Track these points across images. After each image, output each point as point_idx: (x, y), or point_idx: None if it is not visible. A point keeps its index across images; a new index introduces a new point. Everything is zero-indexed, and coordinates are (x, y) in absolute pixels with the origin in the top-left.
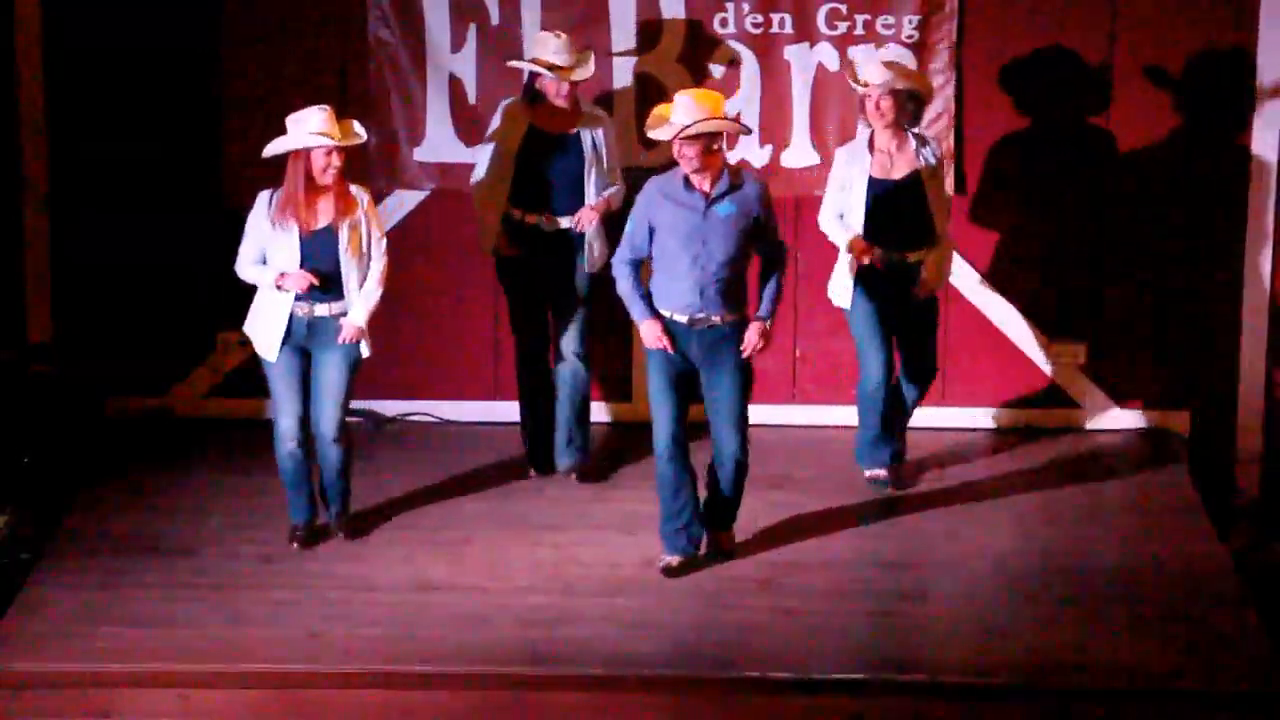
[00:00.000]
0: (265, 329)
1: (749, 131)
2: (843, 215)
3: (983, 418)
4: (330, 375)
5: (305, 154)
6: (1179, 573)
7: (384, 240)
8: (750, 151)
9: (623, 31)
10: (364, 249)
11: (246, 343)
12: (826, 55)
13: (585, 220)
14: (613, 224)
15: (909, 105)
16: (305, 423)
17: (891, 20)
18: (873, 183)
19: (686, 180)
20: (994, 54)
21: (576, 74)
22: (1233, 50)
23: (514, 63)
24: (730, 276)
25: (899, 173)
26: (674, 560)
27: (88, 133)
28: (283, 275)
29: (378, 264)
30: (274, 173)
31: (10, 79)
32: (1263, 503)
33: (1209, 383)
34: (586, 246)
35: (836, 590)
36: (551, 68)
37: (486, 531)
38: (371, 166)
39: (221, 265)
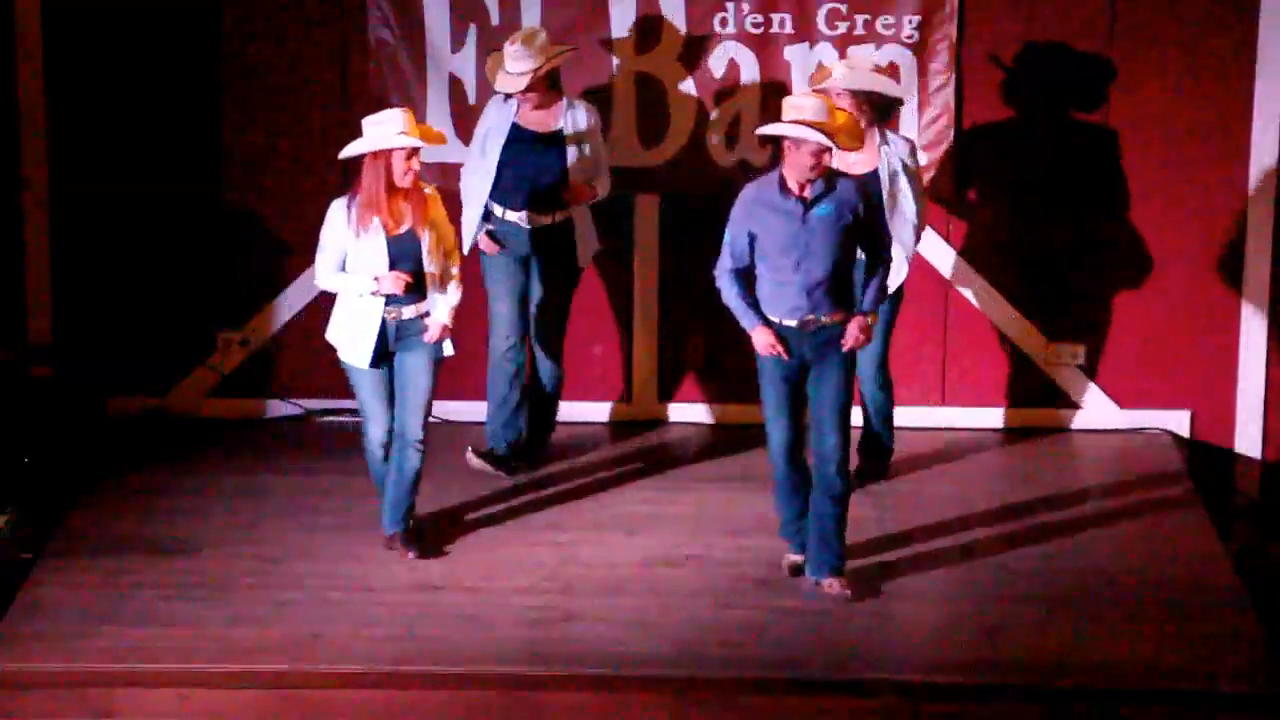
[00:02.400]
0: (355, 337)
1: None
2: None
3: (983, 418)
4: (417, 377)
5: (385, 156)
6: (1179, 573)
7: (454, 237)
8: (750, 152)
9: (623, 31)
10: (440, 248)
11: (247, 343)
12: (826, 55)
13: (580, 197)
14: (598, 214)
15: (865, 106)
16: (396, 432)
17: (891, 20)
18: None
19: (782, 186)
20: (994, 54)
21: (517, 70)
22: (1233, 50)
23: (488, 69)
24: (837, 277)
25: (856, 170)
26: (798, 558)
27: (88, 133)
28: (378, 279)
29: (456, 264)
30: (274, 173)
31: (10, 79)
32: (1263, 503)
33: (1209, 383)
34: (578, 240)
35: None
36: (509, 75)
37: (486, 531)
38: None
39: (221, 265)
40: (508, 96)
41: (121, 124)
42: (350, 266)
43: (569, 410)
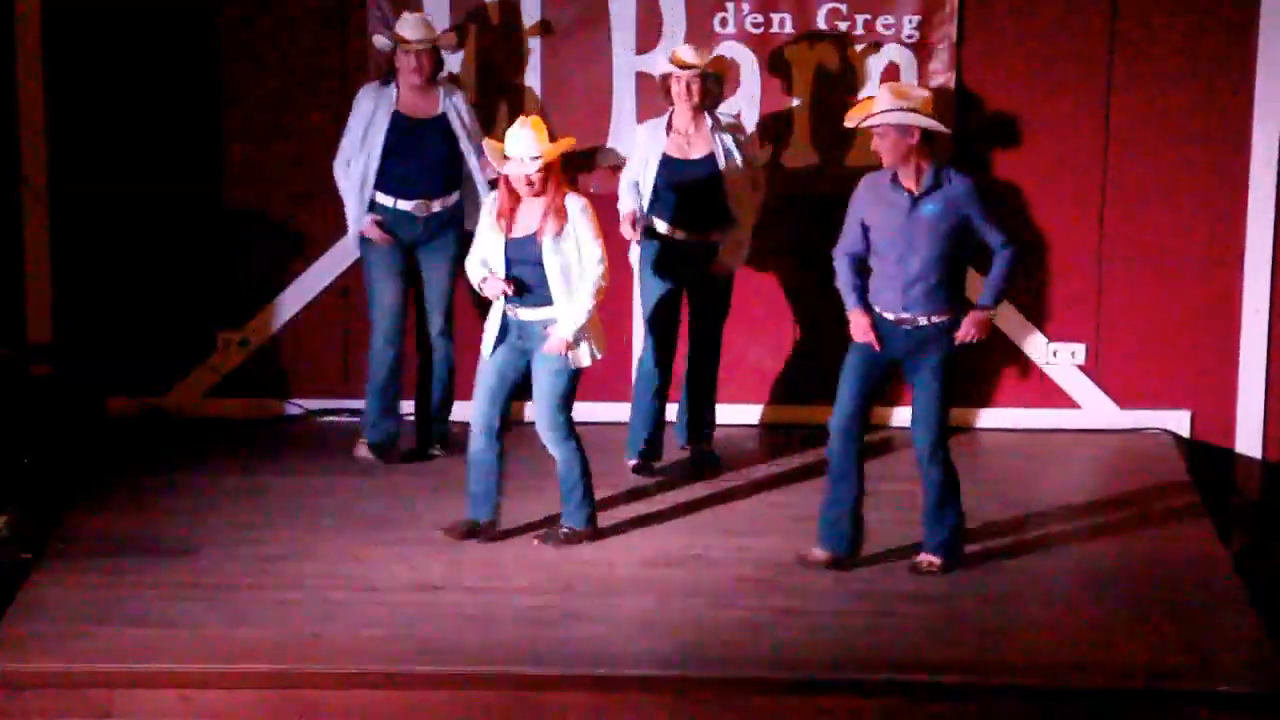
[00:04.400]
0: (487, 327)
1: (945, 130)
2: (638, 185)
3: (983, 418)
4: (538, 380)
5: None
6: (1179, 573)
7: (599, 250)
8: (751, 151)
9: (623, 31)
10: (572, 258)
11: (247, 343)
12: (827, 55)
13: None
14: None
15: (713, 88)
16: (496, 424)
17: (891, 20)
18: (666, 161)
19: (894, 178)
20: (994, 54)
21: (413, 41)
22: (1233, 49)
23: (376, 38)
24: (937, 276)
25: (694, 154)
26: (819, 555)
27: (88, 133)
28: (485, 280)
29: (590, 275)
30: (274, 173)
31: (10, 78)
32: (1263, 503)
33: (1209, 383)
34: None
35: (836, 590)
36: (402, 41)
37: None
38: None
39: (221, 265)
40: (385, 82)
41: (121, 124)
42: (487, 261)
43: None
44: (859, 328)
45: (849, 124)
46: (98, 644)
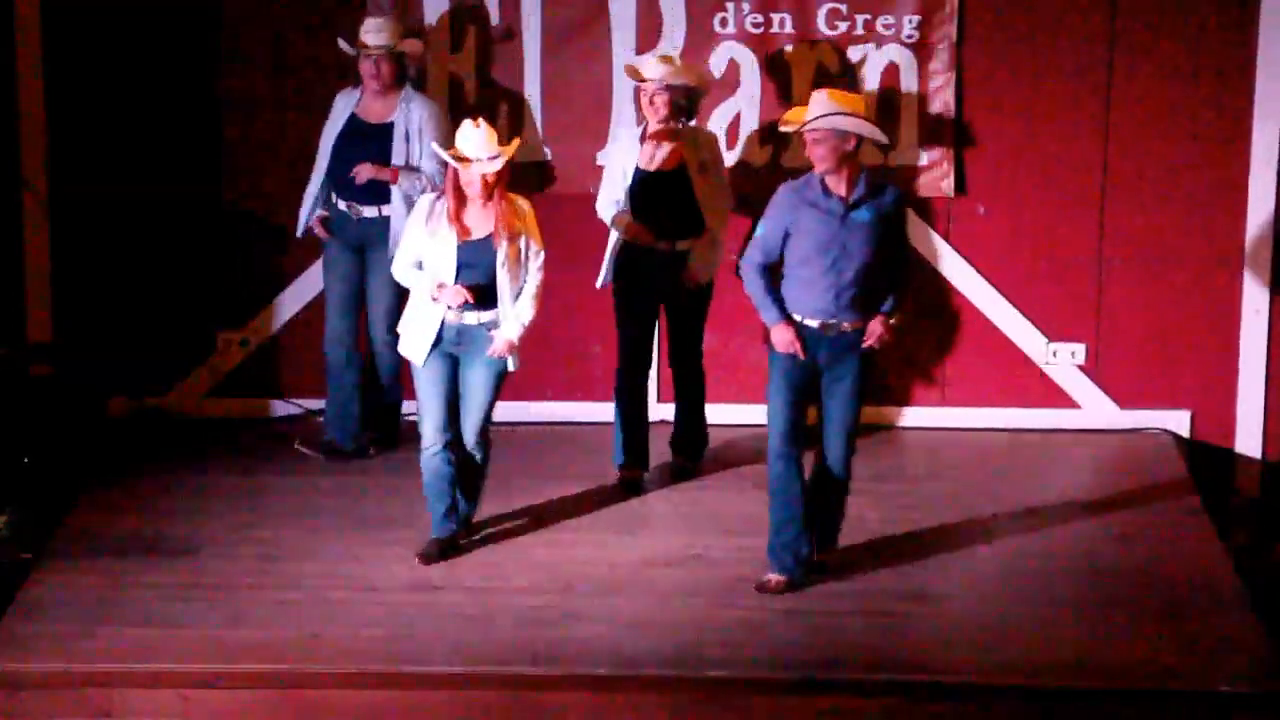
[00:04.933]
0: (416, 334)
1: (884, 141)
2: (619, 201)
3: (983, 418)
4: (475, 384)
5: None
6: (1179, 573)
7: (542, 254)
8: (751, 151)
9: (623, 31)
10: (521, 262)
11: (247, 343)
12: (827, 55)
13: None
14: None
15: (683, 101)
16: (453, 434)
17: (891, 20)
18: (637, 172)
19: (824, 185)
20: (994, 54)
21: (371, 46)
22: (1233, 50)
23: (339, 41)
24: (866, 283)
25: (663, 165)
26: (777, 579)
27: (88, 133)
28: (440, 287)
29: (534, 279)
30: (274, 173)
31: (10, 79)
32: (1263, 503)
33: (1209, 383)
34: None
35: (837, 590)
36: (359, 46)
37: (486, 531)
38: None
39: (222, 265)
40: (356, 84)
41: (121, 124)
42: (425, 265)
43: (571, 410)
44: (784, 340)
45: (785, 129)
46: (98, 644)
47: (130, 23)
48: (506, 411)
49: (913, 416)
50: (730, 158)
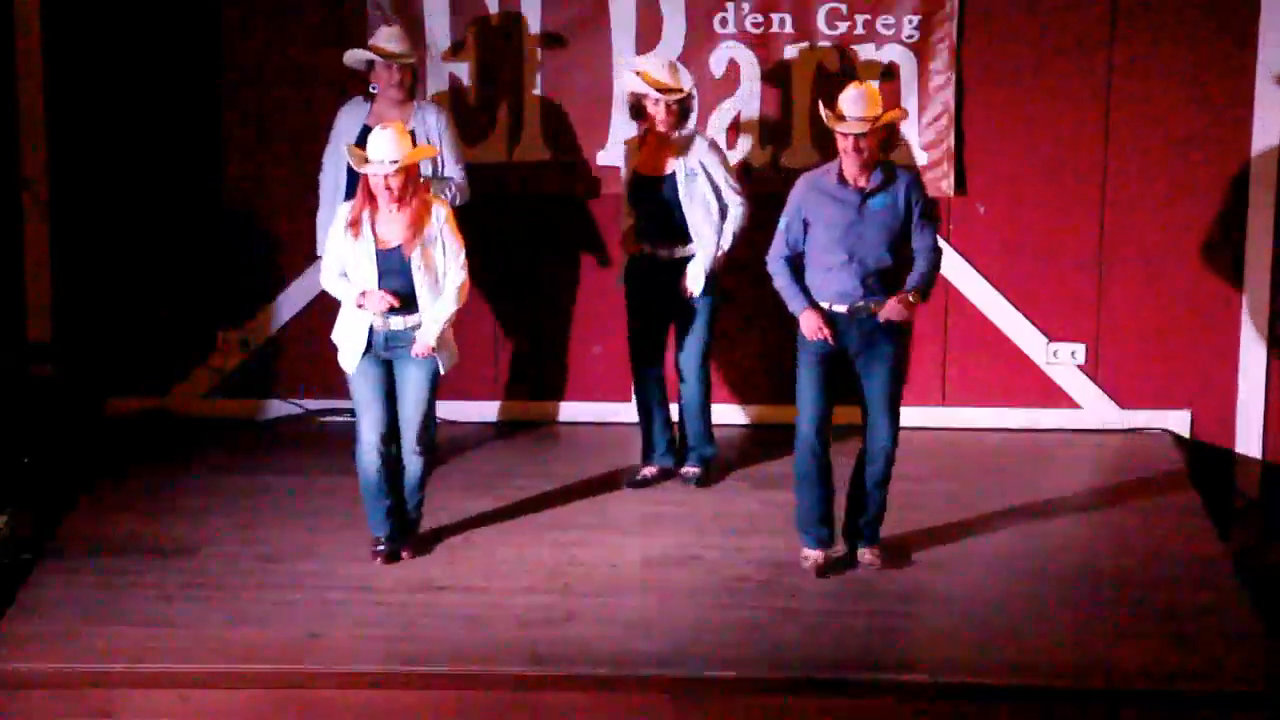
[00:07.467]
0: (348, 341)
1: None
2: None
3: (983, 418)
4: (408, 387)
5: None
6: (1179, 573)
7: (463, 255)
8: (751, 152)
9: (623, 31)
10: (438, 264)
11: (247, 343)
12: (827, 55)
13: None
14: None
15: (688, 106)
16: (388, 435)
17: (891, 20)
18: (635, 178)
19: (840, 176)
20: (994, 54)
21: (397, 54)
22: (1233, 49)
23: (349, 54)
24: (888, 268)
25: (659, 171)
26: (818, 556)
27: (88, 133)
28: (364, 294)
29: (454, 280)
30: (274, 173)
31: (10, 79)
32: (1263, 503)
33: (1209, 383)
34: None
35: (836, 590)
36: (384, 54)
37: (486, 531)
38: None
39: (221, 265)
40: (366, 97)
41: (121, 124)
42: (348, 273)
43: (572, 410)
44: (811, 326)
45: (856, 130)
46: (98, 644)
47: (130, 23)
48: (507, 411)
49: (913, 416)
50: (731, 158)
